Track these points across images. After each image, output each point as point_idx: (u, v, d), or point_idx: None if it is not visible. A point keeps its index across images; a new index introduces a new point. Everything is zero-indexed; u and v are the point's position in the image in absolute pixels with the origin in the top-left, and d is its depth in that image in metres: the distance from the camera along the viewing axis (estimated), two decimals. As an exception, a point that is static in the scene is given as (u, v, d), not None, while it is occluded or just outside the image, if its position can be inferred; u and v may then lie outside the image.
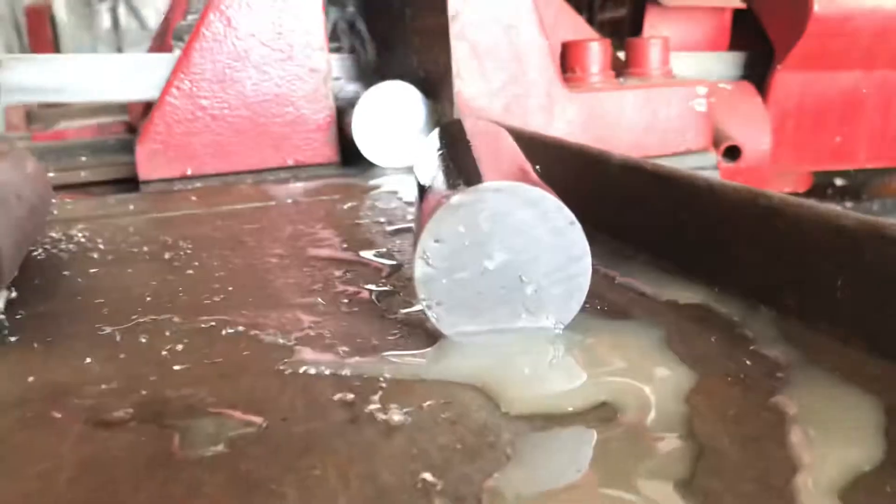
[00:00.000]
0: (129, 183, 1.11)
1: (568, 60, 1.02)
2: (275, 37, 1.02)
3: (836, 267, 0.41)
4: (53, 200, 0.78)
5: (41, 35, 5.54)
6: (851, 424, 0.34)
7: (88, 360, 0.46)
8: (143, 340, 0.49)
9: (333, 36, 1.27)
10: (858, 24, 1.42)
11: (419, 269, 0.43)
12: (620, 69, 1.12)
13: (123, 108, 2.12)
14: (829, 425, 0.34)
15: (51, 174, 1.22)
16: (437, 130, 0.68)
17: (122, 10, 6.28)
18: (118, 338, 0.49)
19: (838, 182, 1.86)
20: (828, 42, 1.45)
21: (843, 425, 0.34)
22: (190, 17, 1.18)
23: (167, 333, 0.50)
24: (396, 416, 0.37)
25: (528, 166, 0.52)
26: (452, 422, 0.36)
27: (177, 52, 1.08)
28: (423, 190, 0.53)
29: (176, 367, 0.44)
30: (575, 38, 1.14)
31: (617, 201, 0.62)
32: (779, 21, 1.48)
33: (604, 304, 0.51)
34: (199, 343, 0.48)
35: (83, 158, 1.47)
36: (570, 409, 0.37)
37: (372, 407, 0.38)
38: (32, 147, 1.96)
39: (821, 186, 1.84)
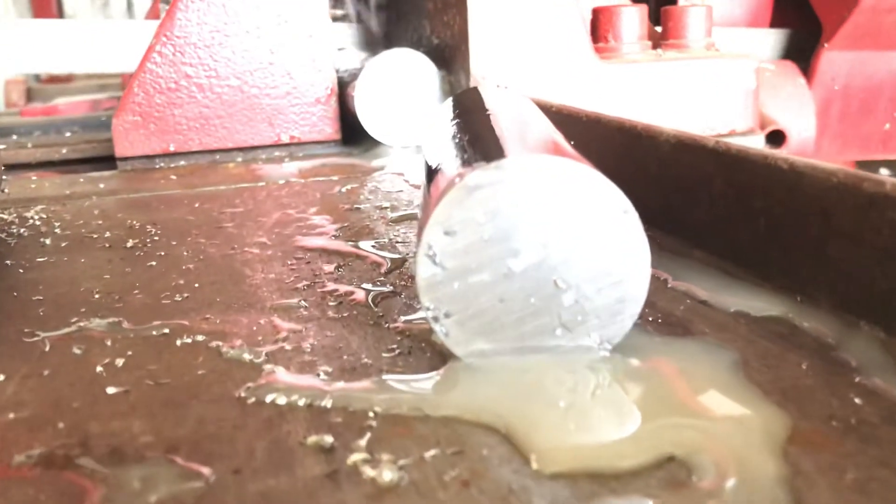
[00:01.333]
0: (112, 161, 1.02)
1: (599, 28, 0.92)
2: (269, -2, 0.92)
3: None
4: (4, 178, 0.69)
5: (46, 7, 5.49)
6: None
7: (2, 377, 0.37)
8: (77, 351, 0.40)
9: (338, 2, 1.17)
10: (918, -3, 1.31)
11: (423, 270, 0.33)
12: (657, 42, 1.02)
13: (123, 85, 2.05)
14: None
15: (29, 150, 1.14)
16: (450, 100, 0.58)
17: None
18: (47, 347, 0.40)
19: (884, 172, 1.75)
20: (882, 18, 1.34)
21: None
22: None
23: (108, 343, 0.41)
24: (388, 473, 0.27)
25: (561, 139, 0.43)
26: (464, 482, 0.27)
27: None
28: (431, 171, 0.44)
29: (110, 390, 0.35)
30: (608, 2, 1.04)
31: (668, 187, 0.52)
32: (827, -4, 1.38)
33: (657, 316, 0.41)
34: (144, 356, 0.39)
35: (67, 134, 1.39)
36: (626, 465, 0.28)
37: (356, 457, 0.29)
38: (19, 122, 1.87)
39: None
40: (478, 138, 0.41)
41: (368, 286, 0.48)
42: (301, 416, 0.32)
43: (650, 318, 0.41)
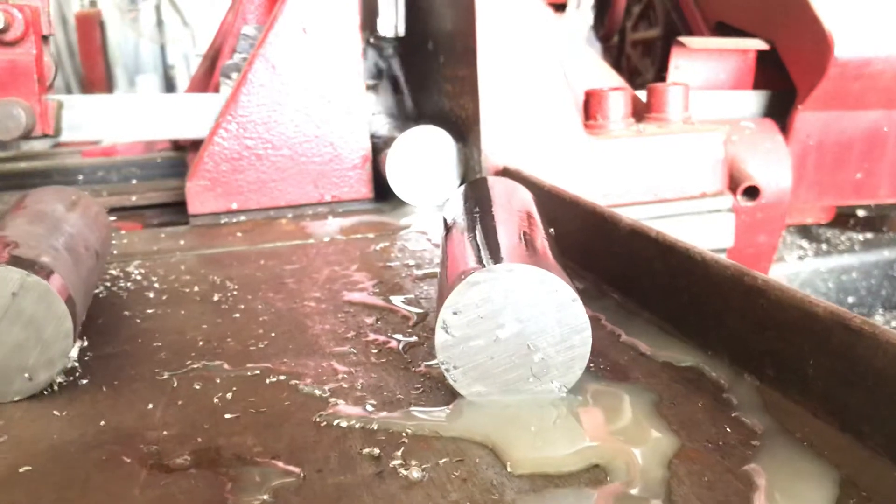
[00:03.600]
0: (177, 207, 1.17)
1: (590, 108, 1.07)
2: (316, 82, 1.08)
3: (808, 347, 0.45)
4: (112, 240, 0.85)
5: (91, 39, 5.72)
6: (809, 496, 0.39)
7: (150, 405, 0.52)
8: (197, 387, 0.55)
9: (374, 74, 1.33)
10: (878, 67, 1.45)
11: (440, 337, 0.48)
12: (642, 112, 1.17)
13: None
14: (790, 495, 0.39)
15: (105, 197, 1.31)
16: (463, 188, 0.73)
17: (165, 7, 6.47)
18: (175, 383, 0.56)
19: (860, 213, 1.89)
20: (848, 84, 1.48)
21: (801, 496, 0.39)
22: (237, 56, 1.24)
23: (218, 381, 0.56)
24: (416, 473, 0.42)
25: (542, 241, 0.57)
26: (463, 479, 0.42)
27: (224, 91, 1.14)
28: (446, 256, 0.59)
29: (227, 416, 0.50)
30: (604, 84, 1.19)
31: (625, 260, 0.67)
32: (801, 63, 1.51)
33: (607, 364, 0.56)
34: (245, 391, 0.54)
35: (133, 181, 1.56)
36: (567, 470, 0.42)
37: (395, 462, 0.43)
38: (83, 164, 2.06)
39: (843, 217, 1.87)
40: (482, 239, 0.56)
41: (400, 336, 0.63)
42: (357, 435, 0.47)
43: (602, 367, 0.55)
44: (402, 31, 1.25)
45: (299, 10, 1.07)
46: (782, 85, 1.60)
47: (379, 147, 1.12)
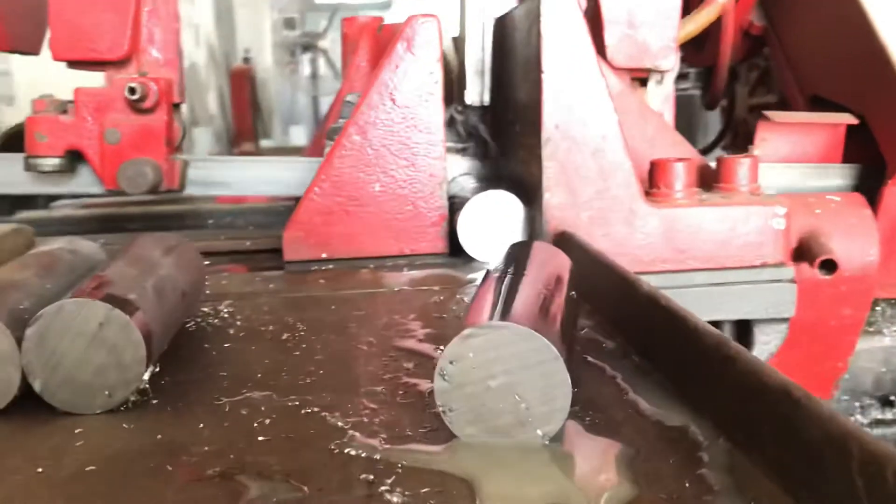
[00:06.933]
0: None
1: (654, 177, 1.10)
2: (402, 148, 1.17)
3: (763, 413, 0.48)
4: (207, 282, 0.95)
5: (242, 92, 6.19)
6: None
7: (202, 425, 0.60)
8: (244, 413, 0.63)
9: (463, 139, 1.42)
10: (970, 141, 1.40)
11: (437, 383, 0.54)
12: (711, 182, 1.19)
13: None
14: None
15: (222, 241, 1.44)
16: (509, 248, 0.79)
17: (321, 61, 6.93)
18: (227, 408, 0.64)
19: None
20: (940, 157, 1.43)
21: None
22: (340, 121, 1.36)
23: (262, 408, 0.63)
24: (397, 498, 0.48)
25: (558, 304, 0.62)
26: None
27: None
28: (473, 298, 0.65)
29: (260, 438, 0.58)
30: (673, 152, 1.22)
31: (643, 322, 0.71)
32: (892, 136, 1.48)
33: (602, 419, 0.60)
34: (282, 418, 0.61)
35: (250, 228, 1.71)
36: (528, 507, 0.47)
37: (384, 488, 0.49)
38: (215, 209, 2.25)
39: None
40: (503, 296, 0.61)
41: (429, 382, 0.69)
42: (360, 462, 0.53)
43: (597, 421, 0.59)
44: (486, 101, 1.33)
45: (389, 83, 1.17)
46: (873, 159, 1.57)
47: (456, 207, 1.20)
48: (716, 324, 1.16)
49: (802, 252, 1.24)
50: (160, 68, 1.32)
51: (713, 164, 1.22)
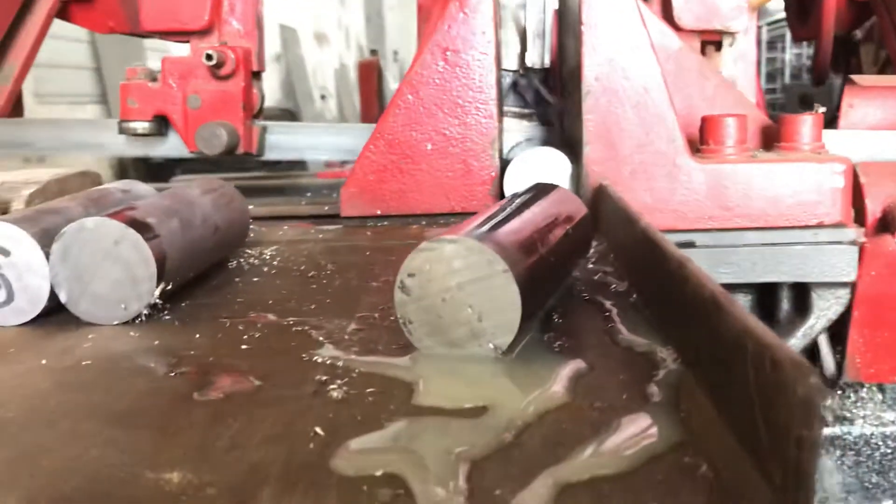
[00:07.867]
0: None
1: (704, 133, 1.06)
2: (453, 107, 1.19)
3: (704, 329, 0.47)
4: (251, 225, 1.00)
5: (369, 83, 6.39)
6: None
7: (198, 335, 0.65)
8: (240, 328, 0.66)
9: (523, 103, 1.42)
10: None
11: (397, 296, 0.56)
12: (773, 141, 1.13)
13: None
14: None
15: (301, 206, 1.51)
16: (529, 186, 0.79)
17: None
18: (227, 325, 0.68)
19: None
20: None
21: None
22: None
23: (258, 325, 0.67)
24: (337, 394, 0.50)
25: (539, 232, 0.63)
26: (372, 402, 0.49)
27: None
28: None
29: (244, 347, 0.61)
30: (734, 110, 1.17)
31: (642, 262, 0.69)
32: None
33: (574, 344, 0.59)
34: (271, 334, 0.65)
35: (334, 195, 1.77)
36: (457, 406, 0.48)
37: (331, 387, 0.52)
38: (313, 183, 2.36)
39: None
40: (488, 220, 0.62)
41: (424, 311, 0.71)
42: (321, 368, 0.55)
43: (566, 345, 0.59)
44: (546, 63, 1.33)
45: (442, 43, 1.18)
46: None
47: (507, 166, 1.20)
48: (771, 286, 1.11)
49: (887, 223, 1.16)
50: (240, 38, 1.40)
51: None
